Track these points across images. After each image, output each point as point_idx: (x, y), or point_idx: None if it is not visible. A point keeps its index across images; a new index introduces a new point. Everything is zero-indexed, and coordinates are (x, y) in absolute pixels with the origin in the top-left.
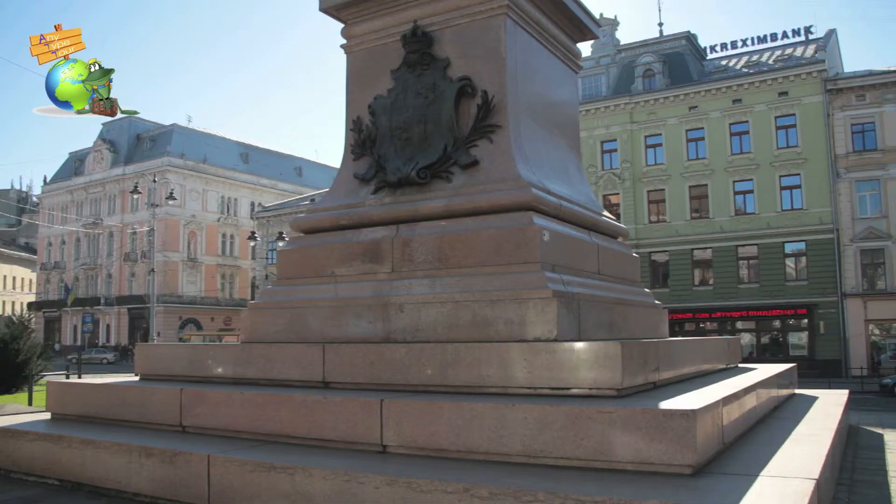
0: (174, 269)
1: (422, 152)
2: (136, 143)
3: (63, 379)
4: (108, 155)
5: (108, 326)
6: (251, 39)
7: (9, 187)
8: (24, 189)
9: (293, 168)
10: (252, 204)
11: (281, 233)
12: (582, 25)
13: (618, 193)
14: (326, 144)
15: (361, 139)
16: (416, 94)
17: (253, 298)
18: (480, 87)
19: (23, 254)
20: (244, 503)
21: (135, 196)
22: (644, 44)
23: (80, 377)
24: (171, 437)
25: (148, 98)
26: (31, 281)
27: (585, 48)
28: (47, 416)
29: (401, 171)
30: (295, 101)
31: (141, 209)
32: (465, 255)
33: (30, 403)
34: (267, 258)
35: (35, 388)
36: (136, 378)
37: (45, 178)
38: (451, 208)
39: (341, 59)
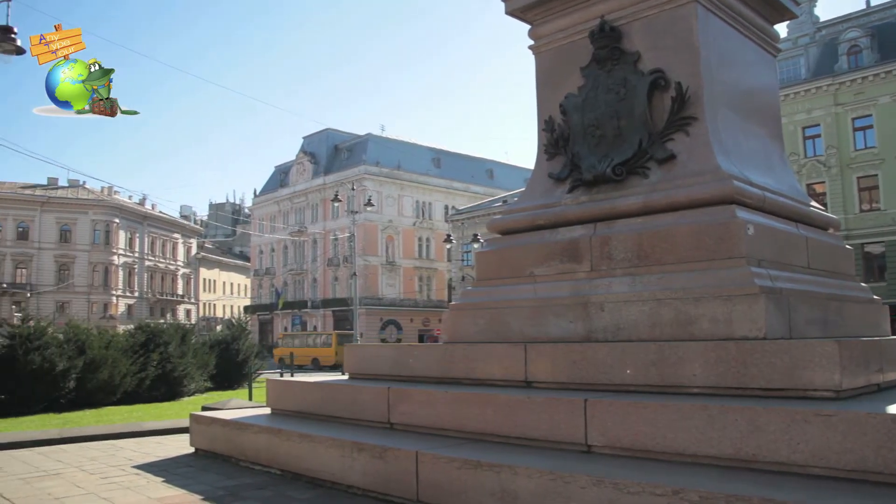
0: (374, 273)
1: (616, 149)
2: (334, 153)
3: (279, 377)
4: (310, 166)
5: (314, 328)
6: (436, 44)
7: (224, 201)
8: (237, 202)
9: (484, 170)
10: (445, 207)
11: (475, 235)
12: (778, 5)
13: (823, 182)
14: (516, 145)
15: (554, 138)
16: (607, 90)
17: (450, 300)
18: (673, 78)
19: (238, 261)
20: (451, 500)
21: (335, 204)
22: (848, 18)
23: (292, 375)
24: (380, 434)
25: (344, 111)
26: (246, 286)
27: (781, 29)
28: (267, 410)
29: (595, 168)
30: (483, 104)
31: (341, 216)
32: (666, 252)
33: (250, 399)
34: (462, 260)
35: (253, 385)
36: (346, 377)
37: (254, 190)
38: (648, 204)
39: (527, 58)
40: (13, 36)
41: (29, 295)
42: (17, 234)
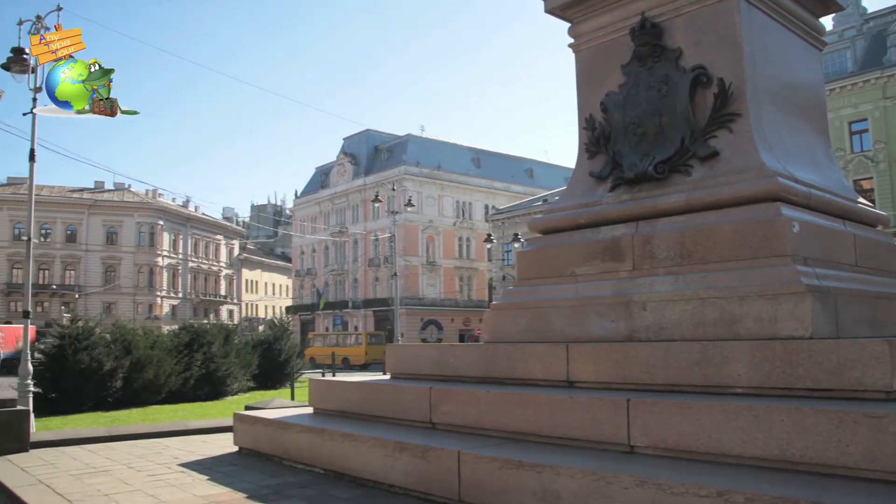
0: (414, 273)
1: (658, 146)
2: (374, 154)
3: (320, 377)
4: (350, 167)
5: (355, 328)
6: (475, 44)
7: (266, 202)
8: (278, 203)
9: (524, 170)
10: (486, 207)
11: (516, 234)
12: None
13: (871, 178)
14: (556, 144)
15: (595, 137)
16: (648, 88)
17: (490, 299)
18: (716, 75)
19: (279, 262)
20: (493, 499)
21: (376, 204)
22: None
23: (334, 375)
24: (421, 433)
25: (384, 111)
26: (287, 287)
27: (826, 21)
28: (310, 410)
29: (637, 166)
30: (522, 104)
31: (382, 216)
32: (709, 251)
33: (292, 398)
34: (503, 259)
35: (295, 384)
36: (388, 377)
37: (295, 192)
38: (691, 203)
39: (567, 57)
40: (25, 56)
41: (77, 296)
42: (66, 237)
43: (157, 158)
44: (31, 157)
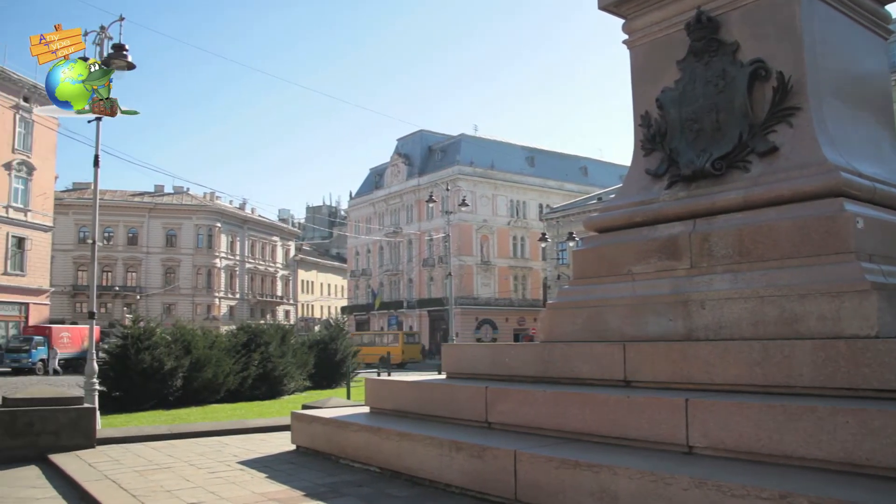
0: (469, 273)
1: (715, 143)
2: (427, 154)
3: (375, 376)
4: (404, 168)
5: (410, 327)
6: (528, 42)
7: (321, 203)
8: (333, 205)
9: (578, 168)
10: (540, 206)
11: (570, 233)
12: None
13: None
14: (611, 142)
15: (651, 134)
16: (705, 83)
17: (545, 299)
18: (775, 68)
19: (335, 263)
20: (549, 499)
21: (430, 205)
22: None
23: (389, 375)
24: (477, 433)
25: (437, 111)
26: (342, 287)
27: (892, 9)
28: (366, 409)
29: (694, 163)
30: (576, 101)
31: (436, 217)
32: (769, 248)
33: (348, 397)
34: (557, 258)
35: (351, 384)
36: (443, 376)
37: (350, 193)
38: (750, 199)
39: (622, 53)
40: (125, 53)
41: (139, 297)
42: (128, 240)
43: (212, 158)
44: (96, 163)
